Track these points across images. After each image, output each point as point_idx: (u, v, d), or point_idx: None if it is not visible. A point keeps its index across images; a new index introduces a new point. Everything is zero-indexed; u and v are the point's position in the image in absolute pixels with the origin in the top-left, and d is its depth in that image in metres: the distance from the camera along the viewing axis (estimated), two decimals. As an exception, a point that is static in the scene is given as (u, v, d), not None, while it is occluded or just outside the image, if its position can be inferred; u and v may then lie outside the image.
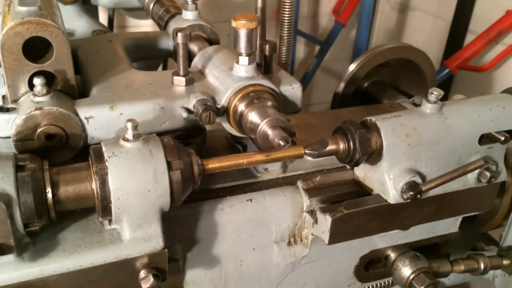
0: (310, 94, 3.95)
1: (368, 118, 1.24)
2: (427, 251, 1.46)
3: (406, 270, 1.40)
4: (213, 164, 1.14)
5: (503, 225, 1.67)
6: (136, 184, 1.02)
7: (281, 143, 1.10)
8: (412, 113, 1.26)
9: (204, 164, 1.13)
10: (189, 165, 1.09)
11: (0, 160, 0.98)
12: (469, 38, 3.18)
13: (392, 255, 1.44)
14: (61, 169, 1.04)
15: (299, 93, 1.35)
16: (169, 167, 1.06)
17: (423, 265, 1.39)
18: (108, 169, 1.01)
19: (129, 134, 1.05)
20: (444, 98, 1.32)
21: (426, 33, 3.53)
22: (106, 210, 1.03)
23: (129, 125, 1.04)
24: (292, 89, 1.33)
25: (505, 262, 1.45)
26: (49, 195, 1.00)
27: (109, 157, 1.02)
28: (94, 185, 1.02)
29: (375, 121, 1.22)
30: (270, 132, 1.13)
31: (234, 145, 1.48)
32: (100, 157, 1.03)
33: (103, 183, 1.01)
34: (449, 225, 1.47)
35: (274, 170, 1.37)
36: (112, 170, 1.01)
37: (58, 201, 1.01)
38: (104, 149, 1.04)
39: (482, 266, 1.43)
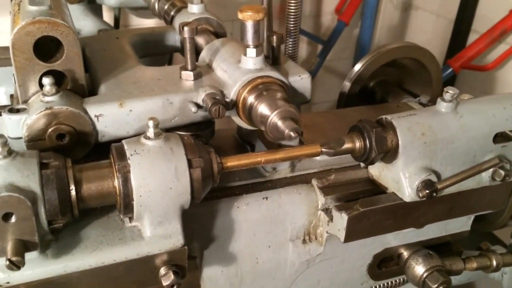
0: (313, 93, 3.91)
1: (383, 116, 1.25)
2: (438, 249, 1.47)
3: (419, 268, 1.40)
4: (232, 162, 1.15)
5: (509, 225, 1.68)
6: (157, 181, 1.03)
7: (292, 134, 1.10)
8: (427, 111, 1.27)
9: (223, 162, 1.14)
10: (209, 163, 1.10)
11: (25, 158, 0.98)
12: (472, 37, 3.18)
13: (405, 253, 1.45)
14: (84, 167, 1.05)
15: (308, 84, 1.35)
16: (190, 165, 1.06)
17: (436, 263, 1.40)
18: (131, 166, 1.02)
19: (151, 132, 1.06)
20: None
21: (429, 32, 3.54)
22: (128, 207, 1.04)
23: (151, 123, 1.05)
24: (301, 80, 1.34)
25: (518, 259, 1.46)
26: (73, 192, 1.01)
27: (131, 155, 1.03)
28: (117, 183, 1.03)
29: (391, 119, 1.22)
30: (280, 123, 1.13)
31: (242, 145, 1.49)
32: (122, 155, 1.04)
33: (126, 180, 1.02)
34: (462, 224, 1.48)
35: (283, 170, 1.37)
36: (134, 168, 1.02)
37: (81, 198, 1.02)
38: (126, 147, 1.05)
39: (494, 263, 1.44)
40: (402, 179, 1.23)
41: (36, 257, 1.01)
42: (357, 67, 1.84)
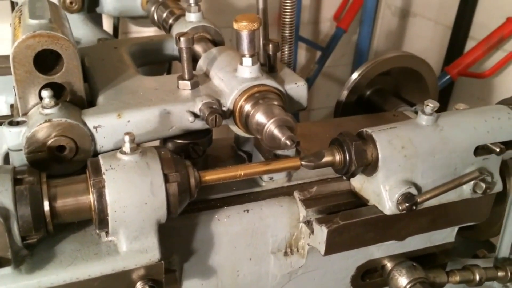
0: (312, 99, 3.96)
1: (364, 129, 1.25)
2: (423, 260, 1.47)
3: (402, 280, 1.40)
4: (210, 176, 1.15)
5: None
6: (133, 197, 1.03)
7: (288, 142, 1.11)
8: (407, 124, 1.27)
9: (201, 176, 1.14)
10: (186, 178, 1.10)
11: (-1, 174, 0.99)
12: (469, 44, 3.18)
13: (389, 265, 1.44)
14: (59, 182, 1.06)
15: (304, 91, 1.36)
16: (166, 180, 1.07)
17: (420, 275, 1.40)
18: (105, 182, 1.02)
19: (127, 147, 1.06)
20: (445, 104, 1.33)
21: (427, 39, 3.54)
22: (103, 222, 1.04)
23: (127, 138, 1.06)
24: (297, 87, 1.34)
25: (500, 273, 1.45)
26: (47, 208, 1.01)
27: (106, 170, 1.04)
28: (91, 198, 1.03)
29: (371, 132, 1.22)
30: (276, 132, 1.14)
31: (239, 154, 1.49)
32: (97, 170, 1.04)
33: (100, 196, 1.02)
34: (446, 235, 1.47)
35: (279, 179, 1.37)
36: (109, 183, 1.02)
37: (55, 214, 1.03)
38: (101, 162, 1.05)
39: (477, 277, 1.43)
40: (382, 192, 1.23)
41: (10, 272, 1.01)
42: (354, 76, 1.85)
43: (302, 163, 1.21)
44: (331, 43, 3.61)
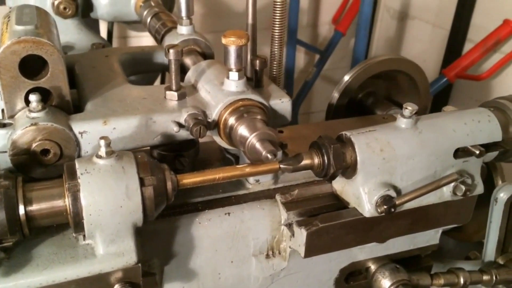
0: (310, 103, 3.97)
1: (343, 132, 1.26)
2: (408, 263, 1.47)
3: (385, 282, 1.40)
4: (188, 179, 1.16)
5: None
6: (108, 200, 1.04)
7: (269, 156, 1.13)
8: (387, 127, 1.27)
9: (178, 179, 1.15)
10: (162, 181, 1.11)
11: (-26, 178, 1.00)
12: (467, 46, 3.18)
13: (373, 267, 1.44)
14: (35, 186, 1.07)
15: (288, 107, 1.37)
16: (142, 183, 1.07)
17: (403, 277, 1.40)
18: (80, 185, 1.03)
19: (102, 151, 1.07)
20: (442, 107, 1.35)
21: (425, 42, 3.53)
22: (78, 226, 1.05)
23: (102, 142, 1.07)
24: (281, 103, 1.36)
25: (485, 277, 1.44)
26: (22, 212, 1.02)
27: (81, 174, 1.05)
28: (67, 202, 1.04)
29: (350, 135, 1.23)
30: (258, 145, 1.15)
31: (227, 157, 1.50)
32: (73, 174, 1.05)
33: (75, 199, 1.03)
34: (429, 237, 1.48)
35: (266, 182, 1.38)
36: (84, 187, 1.03)
37: (31, 217, 1.04)
38: (77, 166, 1.06)
39: (462, 281, 1.42)
40: (362, 195, 1.24)
41: (-14, 275, 1.02)
42: (345, 78, 1.86)
43: (281, 166, 1.22)
44: (330, 46, 3.61)
